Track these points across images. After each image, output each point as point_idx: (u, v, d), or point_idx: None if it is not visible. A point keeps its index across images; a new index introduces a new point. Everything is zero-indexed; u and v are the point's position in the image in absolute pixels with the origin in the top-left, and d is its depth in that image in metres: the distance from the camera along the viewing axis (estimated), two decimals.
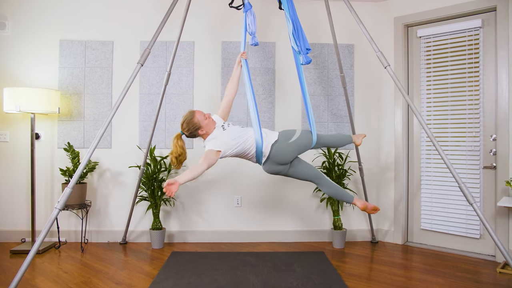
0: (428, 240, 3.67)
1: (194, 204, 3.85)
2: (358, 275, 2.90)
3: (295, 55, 2.76)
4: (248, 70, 2.64)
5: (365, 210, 2.75)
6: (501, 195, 3.16)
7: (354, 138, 2.96)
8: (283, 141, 2.60)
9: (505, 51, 3.16)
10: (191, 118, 2.54)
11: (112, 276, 2.88)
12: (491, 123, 3.29)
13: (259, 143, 2.53)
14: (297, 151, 2.64)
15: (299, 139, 2.65)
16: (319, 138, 2.77)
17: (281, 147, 2.58)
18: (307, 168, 2.72)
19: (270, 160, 2.60)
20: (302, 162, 2.74)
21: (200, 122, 2.53)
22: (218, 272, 2.90)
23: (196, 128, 2.54)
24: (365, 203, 2.75)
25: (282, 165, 2.63)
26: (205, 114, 2.58)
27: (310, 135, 2.73)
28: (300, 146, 2.65)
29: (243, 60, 2.67)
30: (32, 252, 2.13)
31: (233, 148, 2.53)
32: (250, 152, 2.59)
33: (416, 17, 3.63)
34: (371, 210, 2.76)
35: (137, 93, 3.82)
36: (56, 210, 2.23)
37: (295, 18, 2.72)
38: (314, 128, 2.75)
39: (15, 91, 3.34)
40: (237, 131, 2.58)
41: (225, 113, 2.80)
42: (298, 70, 2.77)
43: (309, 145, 2.71)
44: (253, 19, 2.72)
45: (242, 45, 2.71)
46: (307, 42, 2.75)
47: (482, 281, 2.78)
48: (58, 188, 3.77)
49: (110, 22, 3.82)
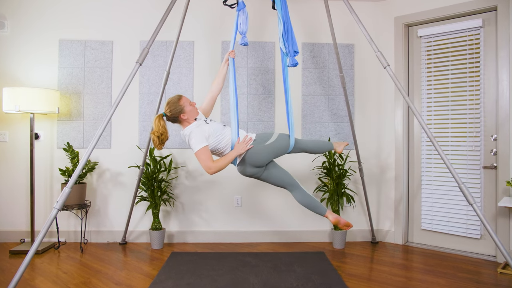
0: (429, 240, 3.66)
1: (194, 204, 3.85)
2: (359, 276, 2.89)
3: (282, 57, 2.75)
4: (234, 69, 2.63)
5: (336, 225, 2.62)
6: (501, 195, 3.16)
7: (335, 146, 2.89)
8: (259, 143, 2.57)
9: (506, 51, 3.15)
10: (177, 100, 2.54)
11: (112, 276, 2.87)
12: (491, 123, 3.28)
13: (235, 143, 2.52)
14: (272, 154, 2.59)
15: (275, 142, 2.60)
16: (297, 143, 2.72)
17: (256, 148, 2.54)
18: (282, 174, 2.64)
19: (244, 161, 2.57)
20: (278, 167, 2.67)
21: (184, 106, 2.53)
22: (218, 272, 2.89)
23: (179, 111, 2.52)
24: (337, 218, 2.62)
25: (256, 168, 2.58)
26: (191, 102, 2.60)
27: (288, 139, 2.67)
28: (276, 149, 2.60)
29: (231, 58, 2.65)
30: (31, 252, 2.12)
31: (211, 144, 2.51)
32: (225, 151, 2.56)
33: (417, 16, 3.62)
34: (343, 226, 2.62)
35: (136, 93, 3.81)
36: (55, 210, 2.23)
37: (287, 19, 2.71)
38: (293, 132, 2.71)
39: (15, 91, 3.34)
40: (218, 128, 2.56)
41: (207, 108, 2.78)
42: (283, 71, 2.76)
43: (285, 149, 2.65)
44: (245, 19, 2.70)
45: (232, 43, 2.70)
46: (296, 44, 2.75)
47: (483, 281, 2.78)
48: (57, 188, 3.77)
49: (110, 22, 3.81)
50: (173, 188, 3.83)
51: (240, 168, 2.62)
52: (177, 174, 3.83)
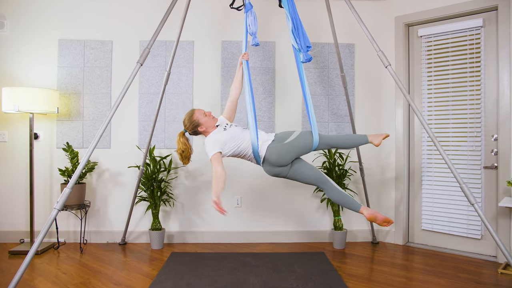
0: (429, 240, 3.65)
1: (194, 205, 3.84)
2: (359, 276, 2.88)
3: (295, 53, 2.73)
4: (249, 72, 2.62)
5: (373, 221, 2.48)
6: (502, 196, 3.15)
7: (371, 138, 2.63)
8: (279, 142, 2.57)
9: (507, 51, 3.14)
10: (191, 116, 2.67)
11: (111, 276, 2.86)
12: (492, 123, 3.28)
13: (255, 144, 2.53)
14: (295, 153, 2.57)
15: (296, 140, 2.58)
16: (322, 139, 2.64)
17: (276, 147, 2.54)
18: (310, 171, 2.60)
19: (267, 161, 2.58)
20: (305, 164, 2.63)
21: (199, 119, 2.65)
22: (218, 272, 2.89)
23: (195, 125, 2.66)
24: (374, 214, 2.47)
25: (280, 167, 2.57)
26: (205, 112, 2.69)
27: (310, 136, 2.63)
28: (298, 147, 2.57)
29: (244, 61, 2.65)
30: (30, 253, 2.12)
31: (231, 148, 2.58)
32: (247, 153, 2.61)
33: (417, 16, 3.62)
34: (382, 222, 2.45)
35: (136, 93, 3.80)
36: (55, 211, 2.22)
37: (295, 16, 2.69)
38: (316, 129, 2.64)
39: (14, 90, 3.32)
40: (237, 132, 2.61)
41: (229, 113, 2.84)
42: (298, 68, 2.73)
43: (309, 146, 2.61)
44: (253, 20, 2.70)
45: (244, 46, 2.69)
46: (308, 39, 2.71)
47: (484, 281, 2.77)
48: (57, 189, 3.76)
49: (109, 22, 3.80)
50: (173, 188, 3.82)
51: (265, 168, 2.64)
52: (177, 174, 3.83)
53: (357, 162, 3.74)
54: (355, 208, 2.54)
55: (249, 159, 2.65)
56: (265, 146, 2.56)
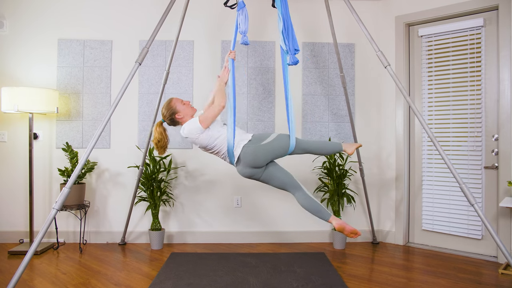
0: (430, 241, 3.65)
1: (194, 205, 3.83)
2: (359, 276, 2.87)
3: (283, 54, 2.72)
4: (233, 70, 2.60)
5: (341, 232, 2.46)
6: (503, 196, 3.14)
7: (345, 147, 2.66)
8: (255, 142, 2.53)
9: (507, 51, 3.14)
10: (168, 103, 2.64)
11: (111, 277, 2.85)
12: (493, 123, 3.27)
13: (230, 142, 2.48)
14: (269, 155, 2.52)
15: (273, 142, 2.54)
16: (298, 144, 2.60)
17: (251, 148, 2.50)
18: (283, 176, 2.55)
19: (241, 161, 2.53)
20: (279, 168, 2.60)
21: (176, 106, 2.62)
22: (217, 273, 2.88)
23: (172, 112, 2.62)
24: (342, 224, 2.45)
25: (254, 168, 2.53)
26: (183, 101, 2.66)
27: (287, 139, 2.57)
28: (274, 149, 2.52)
29: (230, 59, 2.63)
30: (30, 253, 2.11)
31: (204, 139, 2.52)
32: (221, 150, 2.56)
33: (417, 16, 3.61)
34: (349, 234, 2.44)
35: (136, 93, 3.80)
36: (54, 211, 2.21)
37: (287, 17, 2.69)
38: (294, 132, 2.60)
39: (13, 90, 3.32)
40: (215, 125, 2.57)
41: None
42: (283, 70, 2.70)
43: (285, 150, 2.56)
44: (243, 19, 2.67)
45: (232, 44, 2.68)
46: (297, 42, 2.70)
47: (484, 282, 2.76)
48: (56, 189, 3.75)
49: (109, 21, 3.80)
50: (173, 188, 3.81)
51: (238, 168, 2.59)
52: (176, 174, 3.82)
53: (357, 162, 3.73)
54: (325, 217, 2.51)
55: (223, 157, 2.60)
56: (241, 145, 2.51)
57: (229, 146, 2.49)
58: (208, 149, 2.60)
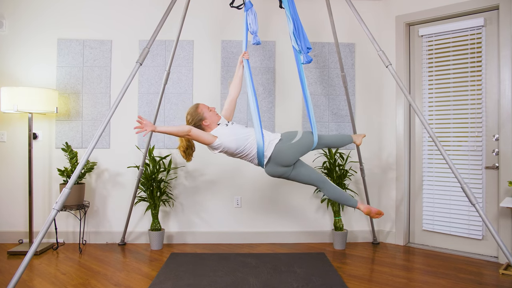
0: (430, 241, 3.64)
1: (194, 205, 3.82)
2: (359, 277, 2.87)
3: (296, 55, 2.72)
4: (250, 70, 2.60)
5: (369, 215, 2.68)
6: (503, 196, 3.13)
7: (354, 138, 2.92)
8: (286, 141, 2.58)
9: (508, 50, 3.13)
10: (195, 109, 2.62)
11: (111, 277, 2.85)
12: (493, 123, 3.26)
13: (260, 143, 2.49)
14: (299, 152, 2.61)
15: (301, 139, 2.62)
16: (320, 139, 2.73)
17: (283, 147, 2.55)
18: (310, 172, 2.67)
19: (272, 161, 2.56)
20: (305, 165, 2.70)
21: (203, 113, 2.60)
22: (217, 273, 2.87)
23: (200, 119, 2.60)
24: (369, 207, 2.67)
25: (284, 167, 2.59)
26: (209, 107, 2.65)
27: (311, 136, 2.69)
28: (302, 147, 2.62)
29: (245, 60, 2.63)
30: (29, 253, 2.10)
31: (232, 143, 2.51)
32: (251, 152, 2.56)
33: (418, 15, 3.60)
34: (375, 215, 2.67)
35: (136, 93, 3.79)
36: (54, 211, 2.20)
37: (296, 17, 2.68)
38: (315, 129, 2.71)
39: (13, 90, 3.31)
40: (240, 129, 2.59)
41: (228, 113, 2.81)
42: (299, 69, 2.72)
43: (310, 146, 2.67)
44: (254, 18, 2.68)
45: (244, 45, 2.67)
46: (308, 41, 2.71)
47: (485, 282, 2.76)
48: (56, 189, 3.74)
49: (109, 21, 3.79)
50: (173, 188, 3.80)
51: (268, 169, 2.61)
52: (176, 175, 3.81)
53: (357, 162, 3.72)
54: (354, 205, 2.71)
55: (250, 159, 2.61)
56: (272, 145, 2.55)
57: (259, 148, 2.51)
58: (236, 154, 2.58)
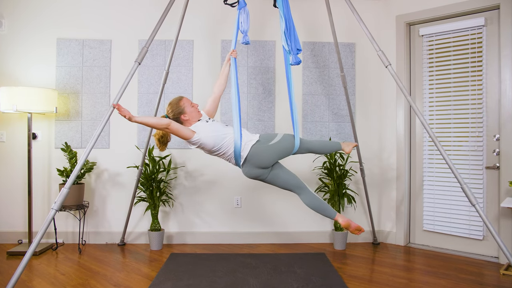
0: (431, 241, 3.63)
1: (193, 205, 3.81)
2: (360, 277, 2.86)
3: (285, 55, 2.70)
4: (236, 69, 2.58)
5: (347, 229, 2.50)
6: (504, 196, 3.12)
7: (343, 146, 2.77)
8: (263, 143, 2.53)
9: (509, 50, 3.12)
10: (177, 101, 2.59)
11: (110, 278, 2.84)
12: (494, 123, 3.26)
13: (238, 143, 2.46)
14: (277, 155, 2.54)
15: (280, 142, 2.56)
16: (302, 143, 2.64)
17: (260, 148, 2.50)
18: (288, 176, 2.58)
19: (248, 162, 2.52)
20: (284, 169, 2.62)
21: (184, 107, 2.57)
22: (217, 274, 2.86)
23: (179, 112, 2.57)
24: (348, 221, 2.49)
25: (261, 169, 2.53)
26: (193, 103, 2.62)
27: (293, 139, 2.61)
28: (281, 150, 2.55)
29: (232, 58, 2.61)
30: (28, 254, 2.10)
31: (209, 139, 2.48)
32: (227, 151, 2.53)
33: (418, 15, 3.59)
34: (354, 230, 2.48)
35: (135, 92, 3.78)
36: (53, 211, 2.19)
37: (289, 17, 2.67)
38: (298, 132, 2.64)
39: (12, 90, 3.30)
40: (219, 127, 2.56)
41: (211, 109, 2.78)
42: (286, 70, 2.69)
43: (290, 150, 2.59)
44: (246, 18, 2.66)
45: (233, 43, 2.66)
46: (299, 42, 2.69)
47: (485, 283, 2.75)
48: (55, 189, 3.73)
49: (108, 21, 3.78)
50: (172, 188, 3.79)
51: (244, 170, 2.58)
52: (176, 175, 3.80)
53: (357, 163, 3.71)
54: (331, 216, 2.56)
55: (228, 158, 2.58)
56: (249, 146, 2.50)
57: (236, 147, 2.47)
58: (213, 151, 2.56)
